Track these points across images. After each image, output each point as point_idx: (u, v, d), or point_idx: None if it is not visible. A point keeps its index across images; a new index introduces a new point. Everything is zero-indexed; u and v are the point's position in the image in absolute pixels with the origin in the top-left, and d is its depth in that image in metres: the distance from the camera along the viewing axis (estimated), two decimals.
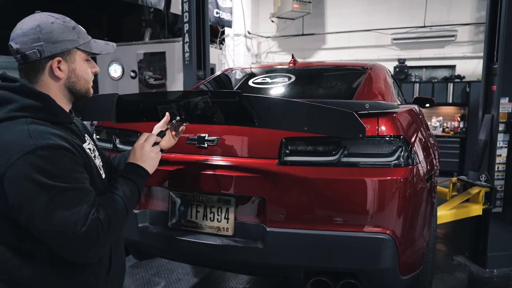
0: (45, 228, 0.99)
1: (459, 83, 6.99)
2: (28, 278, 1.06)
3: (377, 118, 1.58)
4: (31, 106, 1.06)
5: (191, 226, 1.79)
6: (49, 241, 1.02)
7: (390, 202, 1.55)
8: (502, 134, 3.21)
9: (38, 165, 0.97)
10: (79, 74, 1.17)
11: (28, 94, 1.07)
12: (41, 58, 1.09)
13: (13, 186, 0.97)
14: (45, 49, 1.08)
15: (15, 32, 1.10)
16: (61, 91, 1.15)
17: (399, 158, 1.57)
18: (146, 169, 1.27)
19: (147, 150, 1.29)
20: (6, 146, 0.99)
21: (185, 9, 4.43)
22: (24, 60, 1.09)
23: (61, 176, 1.00)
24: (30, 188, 0.97)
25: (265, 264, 1.70)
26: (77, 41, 1.15)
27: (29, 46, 1.07)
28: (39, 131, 1.01)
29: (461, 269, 3.37)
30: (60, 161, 1.01)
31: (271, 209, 1.64)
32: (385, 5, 7.58)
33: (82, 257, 1.06)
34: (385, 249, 1.55)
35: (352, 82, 2.24)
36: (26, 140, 0.98)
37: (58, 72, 1.12)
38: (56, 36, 1.10)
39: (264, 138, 1.71)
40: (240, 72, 2.88)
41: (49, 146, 1.00)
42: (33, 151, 0.97)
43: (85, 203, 1.02)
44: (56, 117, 1.11)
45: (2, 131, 1.02)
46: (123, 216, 1.15)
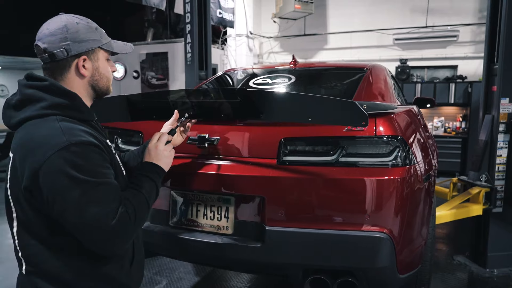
0: (77, 221, 1.03)
1: (461, 84, 6.99)
2: (57, 270, 1.11)
3: (375, 119, 1.59)
4: (60, 104, 1.11)
5: (191, 224, 1.82)
6: (80, 234, 1.06)
7: (387, 202, 1.57)
8: (503, 134, 3.22)
9: (71, 160, 1.01)
10: (102, 72, 1.23)
11: (57, 92, 1.12)
12: (67, 56, 1.14)
13: (48, 180, 1.01)
14: (72, 48, 1.14)
15: (42, 32, 1.15)
16: (85, 89, 1.21)
17: (396, 158, 1.59)
18: (162, 167, 1.32)
19: (161, 149, 1.34)
20: (40, 142, 1.03)
21: (187, 9, 4.47)
22: (51, 58, 1.14)
23: (92, 171, 1.05)
24: (64, 182, 1.01)
25: (264, 263, 1.72)
26: (100, 40, 1.21)
27: (56, 45, 1.13)
28: (69, 128, 1.07)
29: (461, 269, 3.38)
30: (90, 157, 1.06)
31: (270, 208, 1.66)
32: (387, 6, 7.58)
33: (110, 249, 1.10)
34: (382, 248, 1.57)
35: (352, 82, 2.26)
36: (59, 137, 1.03)
37: (83, 70, 1.18)
38: (82, 35, 1.16)
39: (263, 138, 1.73)
40: (241, 72, 2.90)
41: (81, 142, 1.04)
42: (66, 147, 1.02)
43: (114, 198, 1.07)
44: (82, 114, 1.16)
45: (35, 128, 1.07)
46: (146, 210, 1.20)
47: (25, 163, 1.04)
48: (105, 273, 1.17)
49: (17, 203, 1.11)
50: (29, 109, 1.10)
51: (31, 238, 1.11)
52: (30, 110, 1.10)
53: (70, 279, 1.12)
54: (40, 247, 1.11)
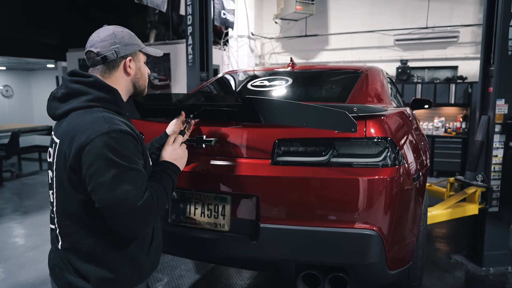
0: (108, 197, 1.15)
1: (461, 84, 7.02)
2: (88, 248, 1.25)
3: (365, 121, 1.65)
4: (103, 98, 1.28)
5: (189, 222, 1.88)
6: (108, 211, 1.18)
7: (377, 200, 1.63)
8: (498, 135, 3.27)
9: (110, 145, 1.16)
10: (143, 72, 1.44)
11: (100, 88, 1.29)
12: (117, 57, 1.34)
13: (89, 159, 1.16)
14: (120, 50, 1.34)
15: (93, 39, 1.34)
16: (127, 85, 1.40)
17: (385, 158, 1.65)
18: (178, 166, 1.46)
19: (177, 149, 1.49)
20: (86, 127, 1.18)
21: (188, 12, 4.53)
22: (103, 60, 1.33)
23: (126, 156, 1.19)
24: (102, 162, 1.15)
25: (259, 258, 1.78)
26: (140, 45, 1.42)
27: (108, 49, 1.32)
28: (111, 118, 1.22)
29: (458, 267, 3.43)
30: (126, 144, 1.20)
31: (264, 207, 1.72)
32: (387, 7, 7.62)
33: (133, 230, 1.23)
34: (371, 245, 1.63)
35: (347, 84, 2.31)
36: (102, 124, 1.18)
37: (129, 69, 1.37)
38: (127, 40, 1.36)
39: (258, 139, 1.79)
40: (240, 74, 2.96)
41: (120, 130, 1.19)
42: (107, 133, 1.17)
43: (142, 183, 1.21)
44: (119, 108, 1.32)
45: (80, 117, 1.23)
46: (165, 200, 1.33)
47: (71, 145, 1.19)
48: (128, 253, 1.30)
49: (59, 183, 1.25)
50: (74, 101, 1.27)
51: (68, 218, 1.26)
52: (75, 102, 1.26)
53: (99, 257, 1.26)
54: (75, 227, 1.25)
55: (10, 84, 10.88)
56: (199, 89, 2.84)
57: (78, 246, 1.26)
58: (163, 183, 1.34)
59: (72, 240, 1.27)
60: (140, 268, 1.34)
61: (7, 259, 3.67)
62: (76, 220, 1.25)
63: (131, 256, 1.31)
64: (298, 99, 2.30)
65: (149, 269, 1.39)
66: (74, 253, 1.27)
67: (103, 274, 1.26)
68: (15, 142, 7.23)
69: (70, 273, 1.28)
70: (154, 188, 1.27)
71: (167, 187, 1.35)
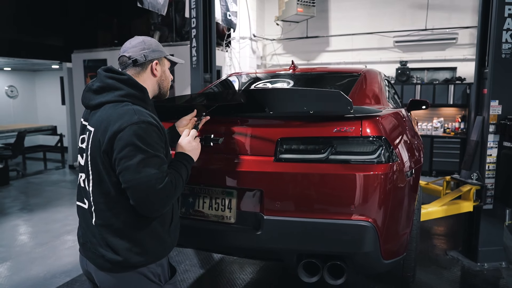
0: (133, 178, 1.32)
1: (460, 85, 7.13)
2: (119, 224, 1.42)
3: (361, 121, 1.79)
4: (133, 94, 1.46)
5: (198, 215, 2.02)
6: (132, 191, 1.34)
7: (371, 194, 1.76)
8: (493, 135, 3.37)
9: (138, 133, 1.33)
10: (167, 75, 1.65)
11: (132, 85, 1.47)
12: (146, 61, 1.55)
13: (120, 144, 1.33)
14: (149, 54, 1.56)
15: (126, 47, 1.56)
16: (153, 86, 1.60)
17: (380, 156, 1.78)
18: (192, 157, 1.63)
19: (192, 142, 1.66)
20: (118, 117, 1.36)
21: (192, 15, 4.64)
22: (134, 63, 1.54)
23: (151, 144, 1.36)
24: (131, 147, 1.32)
25: (263, 248, 1.91)
26: (165, 52, 1.63)
27: (138, 53, 1.54)
28: (139, 110, 1.40)
29: (454, 263, 3.54)
30: (152, 134, 1.37)
31: (268, 200, 1.86)
32: (387, 9, 7.74)
33: (151, 209, 1.39)
34: (366, 235, 1.76)
35: (346, 87, 2.44)
36: (133, 115, 1.36)
37: (155, 71, 1.58)
38: (155, 47, 1.59)
39: (262, 138, 1.93)
40: (243, 77, 3.09)
41: (148, 122, 1.37)
42: (137, 123, 1.34)
43: (164, 169, 1.39)
44: (146, 104, 1.49)
45: (113, 109, 1.40)
46: (182, 187, 1.51)
47: (106, 132, 1.36)
48: (153, 230, 1.47)
49: (94, 166, 1.41)
50: (108, 95, 1.44)
51: (101, 197, 1.42)
52: (109, 95, 1.44)
53: (128, 232, 1.42)
54: (108, 205, 1.42)
55: (15, 84, 11.01)
56: (205, 90, 2.97)
57: (110, 222, 1.42)
58: (180, 172, 1.51)
59: (105, 217, 1.42)
60: (163, 243, 1.51)
61: (17, 255, 3.80)
62: (109, 199, 1.41)
63: (156, 232, 1.48)
64: None
65: (170, 245, 1.56)
66: (107, 228, 1.43)
67: (132, 248, 1.42)
68: (21, 141, 7.36)
69: (102, 247, 1.43)
70: (173, 175, 1.44)
71: (183, 175, 1.52)
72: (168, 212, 1.54)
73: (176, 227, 1.60)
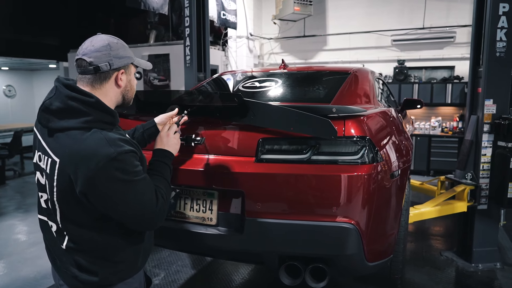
0: (130, 213, 1.28)
1: (458, 84, 7.09)
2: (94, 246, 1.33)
3: (344, 121, 1.75)
4: (102, 120, 1.30)
5: (180, 216, 1.99)
6: (132, 221, 1.31)
7: (354, 196, 1.72)
8: (487, 134, 3.33)
9: (120, 167, 1.23)
10: (132, 84, 1.45)
11: (101, 110, 1.30)
12: (110, 69, 1.34)
13: (103, 183, 1.21)
14: (114, 63, 1.34)
15: (87, 48, 1.32)
16: (117, 97, 1.40)
17: (363, 156, 1.74)
18: (171, 152, 1.58)
19: (172, 136, 1.60)
20: (92, 153, 1.21)
21: (186, 13, 4.61)
22: (95, 71, 1.32)
23: (135, 172, 1.27)
24: (116, 184, 1.23)
25: (244, 250, 1.88)
26: (132, 58, 1.42)
27: (101, 60, 1.32)
28: (112, 139, 1.25)
29: (448, 263, 3.51)
30: (131, 161, 1.27)
31: (249, 202, 1.82)
32: (385, 7, 7.70)
33: (154, 226, 1.37)
34: (349, 237, 1.72)
35: (334, 86, 2.40)
36: (107, 148, 1.22)
37: (120, 82, 1.38)
38: (121, 53, 1.37)
39: (243, 138, 1.89)
40: (234, 76, 3.06)
41: (125, 152, 1.25)
42: (115, 157, 1.22)
43: (152, 188, 1.33)
44: (115, 127, 1.36)
45: (81, 139, 1.24)
46: (170, 190, 1.48)
47: (78, 170, 1.21)
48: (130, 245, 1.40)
49: (63, 198, 1.29)
50: (73, 121, 1.26)
51: (74, 224, 1.32)
52: (74, 121, 1.26)
53: (103, 253, 1.34)
54: (81, 231, 1.32)
55: (13, 84, 11.02)
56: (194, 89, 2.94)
57: (84, 247, 1.33)
58: (163, 175, 1.47)
59: (79, 241, 1.33)
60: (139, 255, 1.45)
61: (10, 254, 3.78)
62: (82, 225, 1.32)
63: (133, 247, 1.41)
64: (284, 100, 2.41)
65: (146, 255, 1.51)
66: (80, 253, 1.33)
67: (108, 267, 1.35)
68: (17, 141, 7.34)
69: (74, 267, 1.35)
70: (160, 187, 1.39)
71: (167, 175, 1.49)
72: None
73: (150, 234, 1.55)
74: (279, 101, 2.39)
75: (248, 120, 1.81)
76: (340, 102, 2.14)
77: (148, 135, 1.84)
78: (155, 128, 1.82)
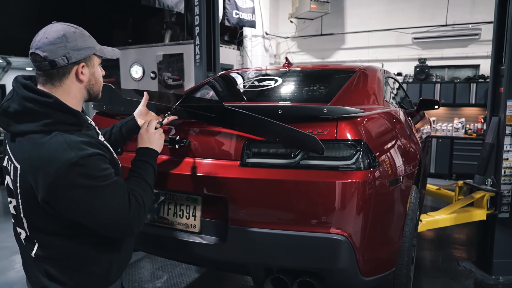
0: (98, 220, 1.18)
1: (483, 84, 6.75)
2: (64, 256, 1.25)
3: (336, 122, 1.61)
4: (63, 122, 1.18)
5: (163, 222, 1.89)
6: (104, 229, 1.21)
7: (347, 204, 1.57)
8: (509, 137, 3.12)
9: (83, 173, 1.12)
10: (97, 77, 1.31)
11: (62, 110, 1.18)
12: (68, 64, 1.20)
13: (66, 193, 1.12)
14: (72, 56, 1.20)
15: (40, 41, 1.18)
16: (81, 93, 1.27)
17: (357, 161, 1.59)
18: (154, 149, 1.47)
19: (152, 132, 1.49)
20: (51, 158, 1.11)
21: (196, 12, 4.56)
22: (51, 66, 1.18)
23: (100, 176, 1.16)
24: (79, 190, 1.13)
25: (227, 260, 1.77)
26: (95, 48, 1.28)
27: (57, 54, 1.17)
28: (74, 143, 1.14)
29: (466, 275, 3.29)
30: (96, 165, 1.16)
31: (232, 208, 1.70)
32: (405, 4, 7.43)
33: (130, 233, 1.28)
34: (340, 250, 1.58)
35: (336, 85, 2.25)
36: (68, 152, 1.11)
37: (82, 76, 1.24)
38: (80, 44, 1.22)
39: (228, 140, 1.77)
40: (234, 75, 2.95)
41: (88, 155, 1.14)
42: (76, 162, 1.11)
43: (124, 192, 1.22)
44: (80, 127, 1.23)
45: (41, 143, 1.14)
46: (151, 193, 1.36)
47: (38, 177, 1.12)
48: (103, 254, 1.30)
49: (27, 206, 1.21)
50: (31, 124, 1.16)
51: (42, 232, 1.23)
52: (33, 125, 1.15)
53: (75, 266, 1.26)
54: (50, 239, 1.23)
55: None
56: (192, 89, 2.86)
57: (54, 257, 1.25)
58: (144, 176, 1.35)
59: (47, 251, 1.25)
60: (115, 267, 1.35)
61: None
62: (50, 233, 1.23)
63: (108, 259, 1.32)
64: (282, 100, 2.28)
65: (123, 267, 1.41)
66: (49, 262, 1.25)
67: (79, 280, 1.27)
68: None
69: (43, 276, 1.27)
70: (136, 190, 1.28)
71: (149, 177, 1.36)
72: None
73: (130, 243, 1.44)
74: (275, 101, 2.27)
75: (232, 127, 1.72)
76: (341, 102, 1.99)
77: (127, 131, 1.71)
78: (133, 122, 1.69)
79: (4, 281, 3.25)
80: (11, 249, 3.86)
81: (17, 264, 3.56)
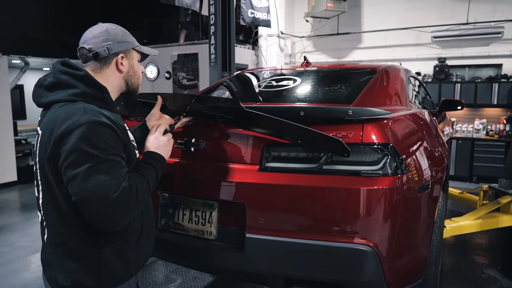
0: (82, 189, 1.13)
1: (506, 83, 6.54)
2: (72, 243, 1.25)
3: (362, 125, 1.51)
4: (90, 94, 1.26)
5: (178, 228, 1.82)
6: (82, 203, 1.15)
7: (373, 213, 1.48)
8: None
9: (87, 136, 1.15)
10: (136, 69, 1.43)
11: (89, 83, 1.28)
12: (109, 54, 1.33)
13: (66, 150, 1.15)
14: (113, 47, 1.34)
15: (86, 36, 1.34)
16: (119, 83, 1.39)
17: (385, 166, 1.49)
18: (161, 155, 1.44)
19: (160, 138, 1.48)
20: (65, 118, 1.17)
21: (211, 11, 4.51)
22: (95, 57, 1.32)
23: (103, 148, 1.17)
24: (77, 154, 1.14)
25: (244, 270, 1.69)
26: (134, 43, 1.41)
27: (99, 45, 1.32)
28: (92, 110, 1.21)
29: (491, 283, 3.15)
30: (103, 136, 1.18)
31: (251, 215, 1.62)
32: (424, 2, 7.24)
33: (110, 222, 1.18)
34: (365, 262, 1.48)
35: (358, 85, 2.15)
36: (82, 115, 1.17)
37: (121, 66, 1.37)
38: (120, 38, 1.36)
39: (247, 143, 1.69)
40: (250, 75, 2.87)
41: (99, 122, 1.18)
42: (85, 124, 1.15)
43: (118, 174, 1.18)
44: (105, 105, 1.30)
45: (63, 109, 1.22)
46: (147, 192, 1.32)
47: (51, 135, 1.18)
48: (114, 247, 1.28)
49: (43, 175, 1.24)
50: (60, 93, 1.25)
51: (52, 211, 1.25)
52: (61, 94, 1.25)
53: (82, 253, 1.25)
54: (59, 220, 1.24)
55: None
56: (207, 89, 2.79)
57: (62, 241, 1.25)
58: (144, 174, 1.32)
59: (57, 234, 1.26)
60: (127, 263, 1.31)
61: None
62: (60, 214, 1.23)
63: (118, 251, 1.28)
64: (302, 101, 2.19)
65: (136, 264, 1.35)
66: (58, 247, 1.26)
67: (85, 272, 1.24)
68: None
69: (55, 269, 1.27)
70: (133, 179, 1.24)
71: (150, 177, 1.33)
72: (136, 224, 1.34)
73: (146, 242, 1.40)
74: (294, 102, 2.19)
75: (251, 129, 1.65)
76: (364, 103, 1.89)
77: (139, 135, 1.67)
78: (145, 126, 1.67)
79: (19, 281, 3.24)
80: (27, 249, 3.87)
81: (32, 264, 3.56)
